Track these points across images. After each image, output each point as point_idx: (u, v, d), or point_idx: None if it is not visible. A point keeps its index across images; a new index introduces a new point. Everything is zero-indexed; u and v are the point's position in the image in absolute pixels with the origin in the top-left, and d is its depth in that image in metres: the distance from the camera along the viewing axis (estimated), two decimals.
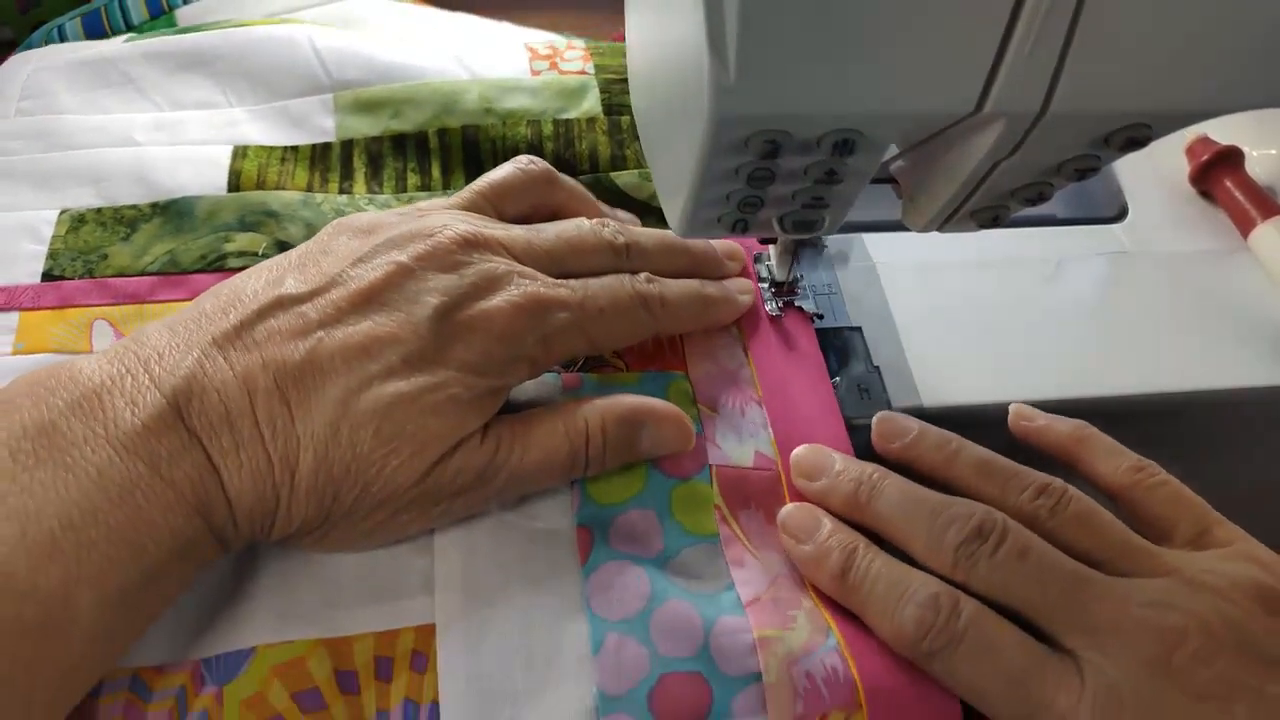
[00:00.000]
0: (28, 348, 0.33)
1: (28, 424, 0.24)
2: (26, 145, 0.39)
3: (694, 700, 0.26)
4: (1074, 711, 0.25)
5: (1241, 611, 0.26)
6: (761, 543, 0.31)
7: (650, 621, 0.27)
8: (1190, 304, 0.40)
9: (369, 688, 0.27)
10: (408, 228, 0.30)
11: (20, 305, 0.34)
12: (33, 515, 0.22)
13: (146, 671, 0.26)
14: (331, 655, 0.27)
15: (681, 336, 0.35)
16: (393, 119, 0.41)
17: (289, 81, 0.42)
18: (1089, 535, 0.28)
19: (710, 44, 0.20)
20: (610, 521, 0.30)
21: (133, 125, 0.40)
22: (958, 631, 0.26)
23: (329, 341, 0.27)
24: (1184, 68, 0.22)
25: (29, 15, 0.55)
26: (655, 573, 0.29)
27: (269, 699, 0.26)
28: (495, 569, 0.29)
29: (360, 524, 0.27)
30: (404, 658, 0.27)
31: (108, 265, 0.35)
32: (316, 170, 0.40)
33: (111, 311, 0.34)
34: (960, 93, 0.22)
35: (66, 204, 0.37)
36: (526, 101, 0.41)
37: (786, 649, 0.27)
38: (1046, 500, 0.29)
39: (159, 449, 0.24)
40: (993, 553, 0.27)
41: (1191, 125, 0.24)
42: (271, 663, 0.27)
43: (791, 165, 0.25)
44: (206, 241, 0.36)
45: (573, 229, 0.33)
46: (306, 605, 0.28)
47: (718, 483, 0.31)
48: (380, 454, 0.26)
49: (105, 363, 0.25)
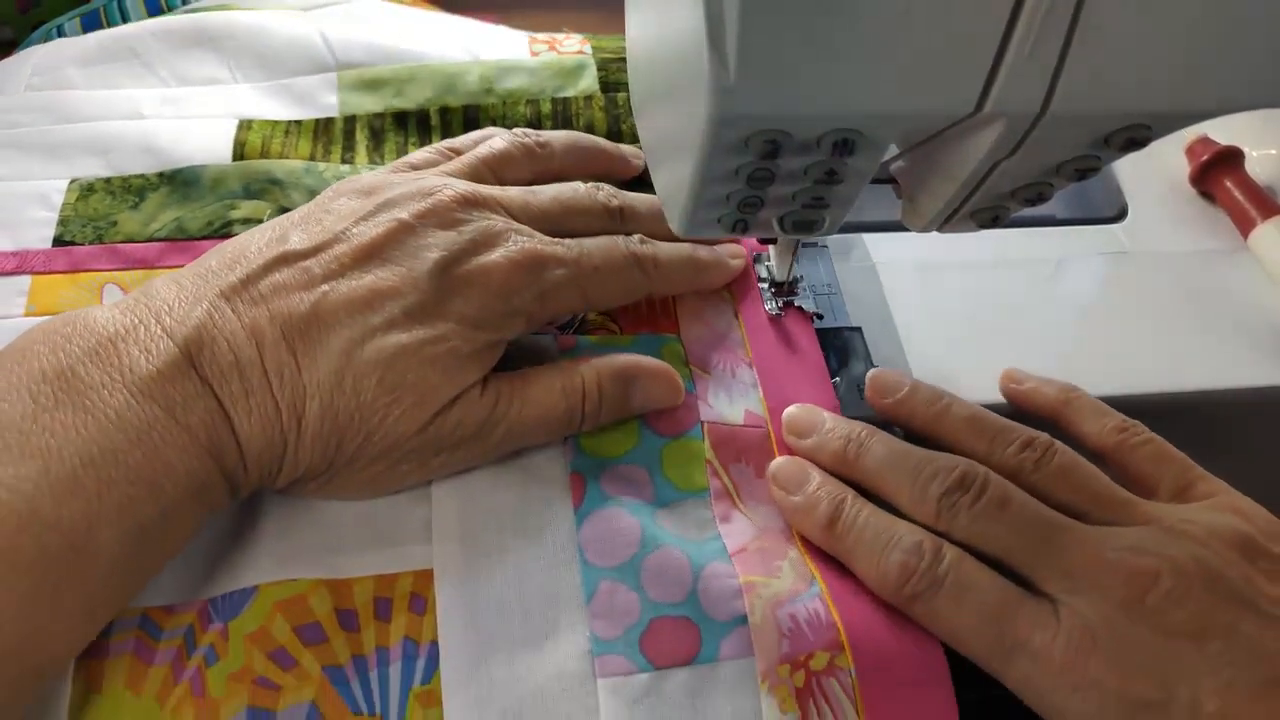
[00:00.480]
0: (39, 309, 0.34)
1: (46, 369, 0.25)
2: (36, 118, 0.40)
3: (683, 642, 0.27)
4: (1048, 648, 0.26)
5: (1217, 557, 0.27)
6: (750, 496, 0.32)
7: (641, 568, 0.28)
8: (1190, 304, 0.40)
9: (369, 626, 0.28)
10: (408, 188, 0.31)
11: (32, 269, 0.35)
12: (55, 453, 0.23)
13: (155, 611, 0.27)
14: (332, 594, 0.28)
15: (674, 300, 0.36)
16: (395, 97, 0.42)
17: (295, 61, 0.43)
18: (1072, 488, 0.29)
19: (710, 44, 0.20)
20: (602, 470, 0.31)
21: (139, 100, 0.41)
22: (939, 576, 0.27)
23: (333, 295, 0.27)
24: (1184, 68, 0.22)
25: (29, 15, 0.55)
26: (646, 519, 0.30)
27: (272, 633, 0.27)
28: (491, 518, 0.29)
29: (362, 472, 0.28)
30: (403, 599, 0.28)
31: (117, 231, 0.36)
32: (319, 142, 0.41)
33: (121, 276, 0.35)
34: (960, 93, 0.22)
35: (76, 174, 0.38)
36: (525, 81, 0.43)
37: (772, 593, 0.28)
38: (1031, 454, 0.30)
39: (174, 394, 0.25)
40: (973, 503, 0.28)
41: (1191, 125, 0.24)
42: (274, 599, 0.27)
43: (791, 165, 0.25)
44: (212, 209, 0.37)
45: (568, 191, 0.34)
46: (308, 549, 0.29)
47: (709, 438, 0.32)
48: (383, 403, 0.27)
49: (118, 313, 0.26)
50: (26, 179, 0.38)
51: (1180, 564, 0.26)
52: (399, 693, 0.27)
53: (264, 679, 0.26)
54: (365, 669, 0.27)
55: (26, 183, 0.38)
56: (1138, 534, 0.28)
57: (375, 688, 0.27)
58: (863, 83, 0.21)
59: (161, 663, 0.27)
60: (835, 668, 0.27)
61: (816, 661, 0.27)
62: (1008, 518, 0.28)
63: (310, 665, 0.27)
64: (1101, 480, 0.30)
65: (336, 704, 0.27)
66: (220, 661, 0.26)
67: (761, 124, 0.22)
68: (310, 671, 0.27)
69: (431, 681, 0.27)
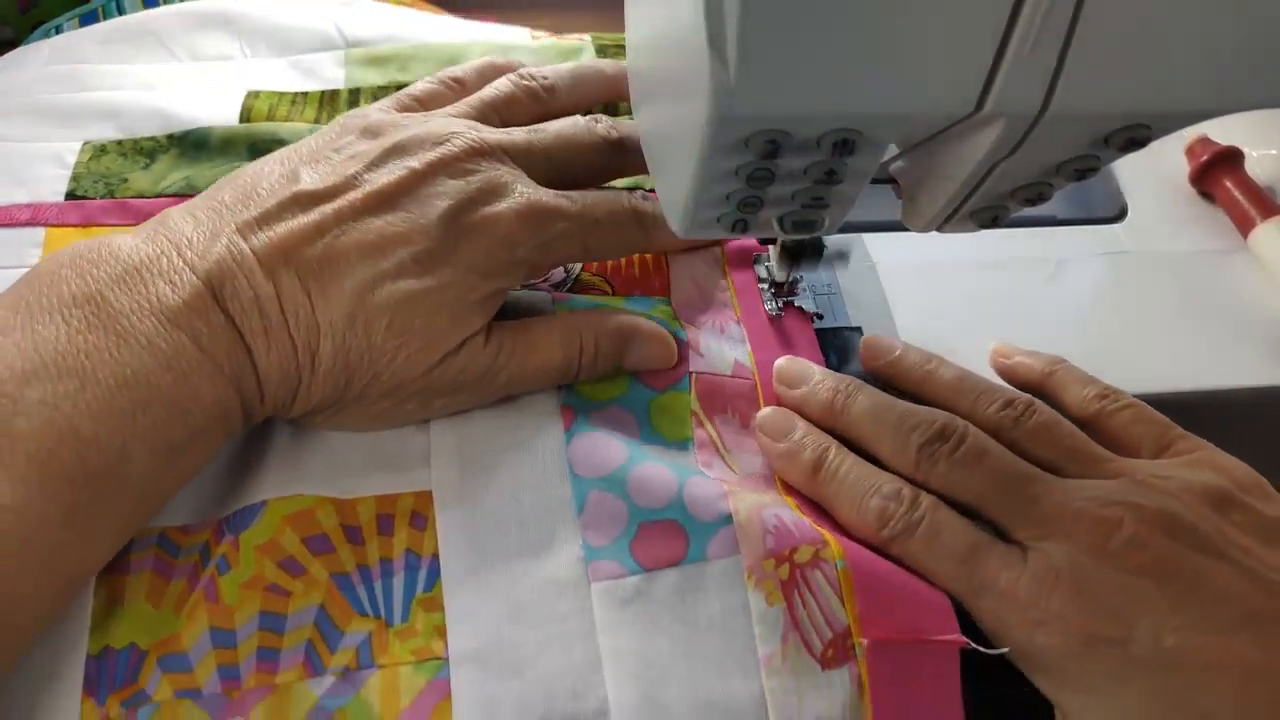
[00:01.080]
0: None
1: (76, 294, 0.26)
2: (53, 88, 0.42)
3: (671, 545, 0.29)
4: (1013, 587, 0.27)
5: (1187, 509, 0.28)
6: (735, 445, 0.33)
7: (627, 479, 0.30)
8: (1190, 304, 0.40)
9: (372, 540, 0.29)
10: (417, 131, 0.31)
11: (46, 221, 0.36)
12: (90, 374, 0.25)
13: (173, 531, 0.29)
14: (337, 511, 0.29)
15: (666, 262, 0.37)
16: (399, 72, 0.44)
17: (304, 39, 0.45)
18: (1049, 444, 0.30)
19: (710, 44, 0.20)
20: (591, 407, 0.32)
21: (153, 73, 0.43)
22: (914, 520, 0.29)
23: (345, 239, 0.28)
24: (1184, 68, 0.22)
25: (29, 15, 0.55)
26: (632, 443, 0.31)
27: (281, 543, 0.28)
28: (486, 443, 0.31)
29: (369, 408, 0.30)
30: (404, 516, 0.29)
31: (128, 188, 0.38)
32: (324, 111, 0.42)
33: (133, 230, 0.36)
34: (960, 93, 0.22)
35: (89, 136, 0.40)
36: (526, 60, 0.43)
37: (755, 499, 0.30)
38: (1011, 411, 0.31)
39: (199, 325, 0.26)
40: (951, 453, 0.29)
41: (1191, 125, 0.24)
42: (282, 513, 0.29)
43: (791, 165, 0.25)
44: (221, 169, 0.39)
45: (569, 127, 0.34)
46: (315, 472, 0.30)
47: (696, 388, 0.34)
48: (392, 345, 0.28)
49: (141, 242, 0.28)
50: (41, 141, 0.39)
51: (1145, 511, 0.27)
52: (403, 599, 0.28)
53: (275, 585, 0.28)
54: (370, 578, 0.28)
55: (41, 144, 0.39)
56: (1107, 486, 0.29)
57: (380, 594, 0.28)
58: (863, 83, 0.21)
59: (179, 578, 0.28)
60: (820, 560, 0.28)
61: (801, 554, 0.28)
62: (983, 469, 0.29)
63: (318, 572, 0.28)
64: (1078, 437, 0.31)
65: (343, 607, 0.28)
66: (232, 570, 0.28)
67: (761, 124, 0.22)
68: (318, 578, 0.28)
69: (433, 590, 0.28)
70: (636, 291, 0.37)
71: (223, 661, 0.27)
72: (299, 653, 0.27)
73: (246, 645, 0.27)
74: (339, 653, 0.27)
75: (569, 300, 0.35)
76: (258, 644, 0.27)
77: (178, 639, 0.27)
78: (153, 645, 0.27)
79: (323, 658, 0.27)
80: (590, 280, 0.37)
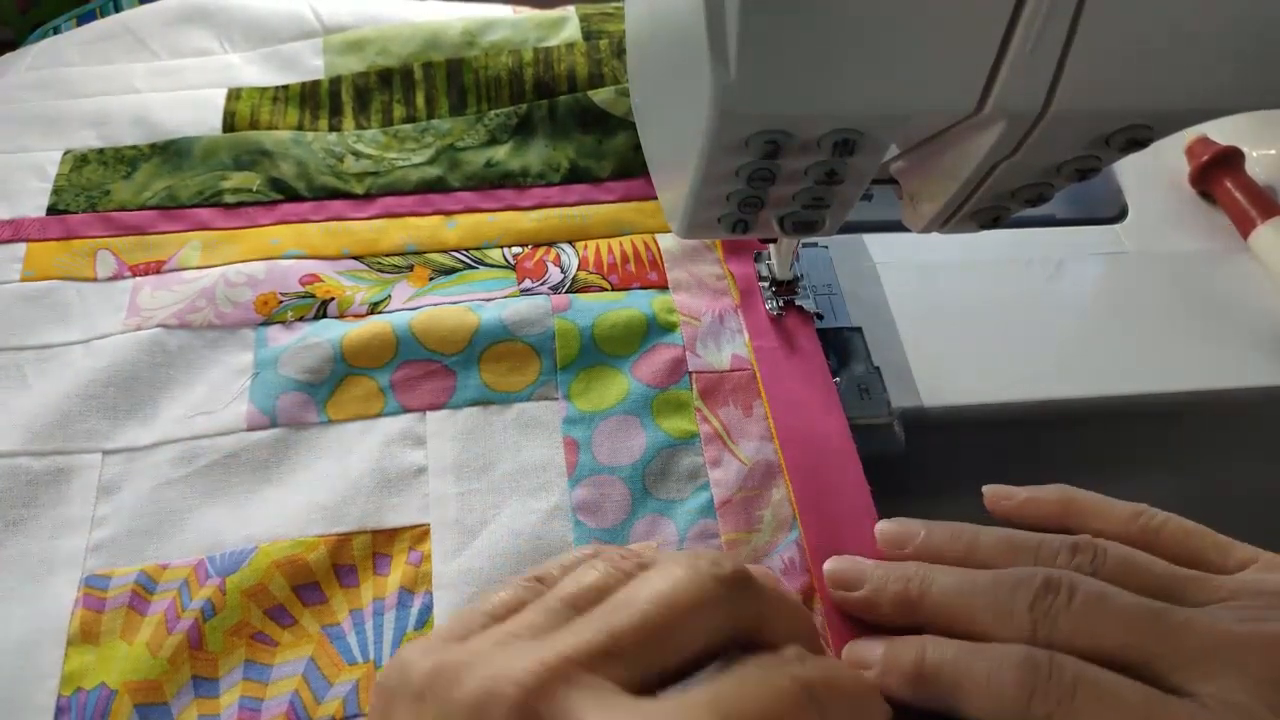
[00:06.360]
0: (36, 275, 0.36)
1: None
2: (35, 94, 0.42)
3: None
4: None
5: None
6: (740, 434, 0.33)
7: (629, 535, 0.31)
8: (1190, 304, 0.40)
9: (367, 580, 0.29)
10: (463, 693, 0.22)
11: (27, 236, 0.37)
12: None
13: (151, 569, 0.29)
14: (329, 552, 0.29)
15: (661, 255, 0.38)
16: (378, 55, 0.44)
17: (282, 27, 0.45)
18: (1138, 578, 0.27)
19: (711, 44, 0.20)
20: (594, 430, 0.33)
21: (133, 74, 0.43)
22: (1066, 686, 0.24)
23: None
24: (1184, 68, 0.22)
25: (29, 15, 0.55)
26: (635, 483, 0.32)
27: (270, 589, 0.28)
28: (488, 481, 0.31)
29: None
30: (401, 554, 0.30)
31: (110, 200, 0.38)
32: (306, 108, 0.42)
33: (114, 242, 0.37)
34: (961, 93, 0.22)
35: (70, 145, 0.40)
36: (508, 33, 0.44)
37: (751, 549, 0.31)
38: (1084, 557, 0.28)
39: None
40: (1069, 604, 0.26)
41: (1191, 125, 0.24)
42: (272, 557, 0.29)
43: (792, 165, 0.25)
44: (203, 179, 0.39)
45: None
46: (305, 511, 0.30)
47: (696, 386, 0.34)
48: None
49: None
50: (23, 151, 0.39)
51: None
52: (393, 638, 0.28)
53: (262, 634, 0.28)
54: (361, 620, 0.28)
55: (22, 155, 0.39)
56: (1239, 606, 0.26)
57: (370, 634, 0.28)
58: (863, 83, 0.21)
59: (154, 613, 0.28)
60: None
61: None
62: (1110, 612, 0.26)
63: (309, 623, 0.28)
64: (1161, 564, 0.28)
65: (333, 658, 0.28)
66: (218, 615, 0.28)
67: (762, 124, 0.22)
68: (308, 629, 0.28)
69: (425, 627, 0.28)
70: (635, 285, 0.37)
71: (204, 712, 0.26)
72: (282, 703, 0.27)
73: (229, 695, 0.27)
74: (326, 703, 0.27)
75: (567, 304, 0.36)
76: (240, 694, 0.27)
77: (159, 688, 0.26)
78: (124, 686, 0.26)
79: (309, 709, 0.27)
80: (588, 279, 0.37)
